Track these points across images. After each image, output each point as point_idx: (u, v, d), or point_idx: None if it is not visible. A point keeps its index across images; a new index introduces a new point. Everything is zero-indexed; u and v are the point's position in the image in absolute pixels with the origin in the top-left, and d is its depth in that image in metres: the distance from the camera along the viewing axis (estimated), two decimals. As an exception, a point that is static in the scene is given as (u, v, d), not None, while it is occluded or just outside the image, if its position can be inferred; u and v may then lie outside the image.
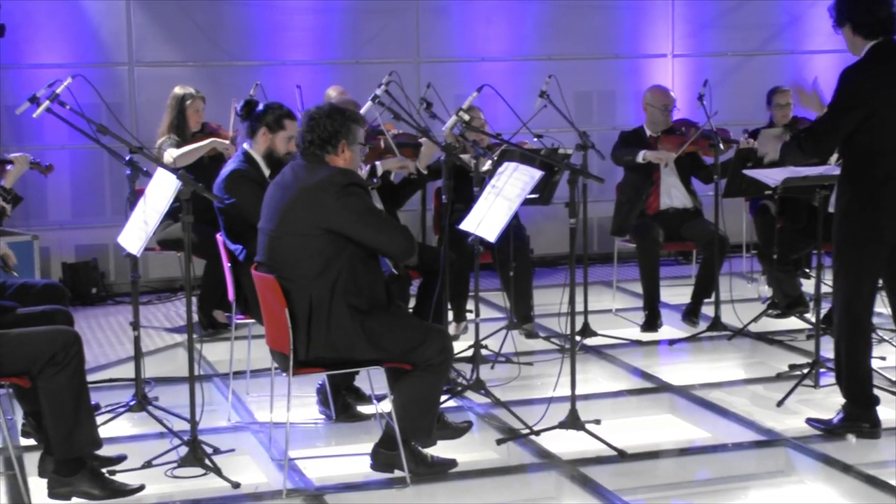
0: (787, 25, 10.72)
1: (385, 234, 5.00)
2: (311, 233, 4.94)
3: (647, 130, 8.05)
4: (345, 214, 4.92)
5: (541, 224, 9.88)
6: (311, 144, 5.08)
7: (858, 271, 5.51)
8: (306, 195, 4.96)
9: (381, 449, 5.22)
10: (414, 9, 10.00)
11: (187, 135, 7.94)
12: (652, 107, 8.02)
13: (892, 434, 5.62)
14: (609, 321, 8.03)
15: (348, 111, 5.17)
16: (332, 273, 4.94)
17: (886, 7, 5.45)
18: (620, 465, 5.35)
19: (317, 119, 5.08)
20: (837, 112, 5.44)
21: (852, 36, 5.49)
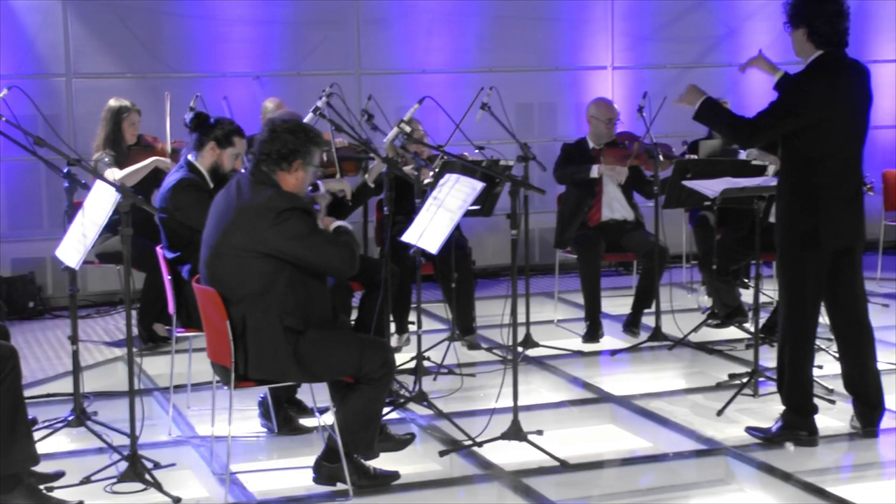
0: (725, 38, 10.84)
1: (324, 255, 4.95)
2: (249, 255, 4.90)
3: (590, 142, 8.10)
4: (281, 240, 4.87)
5: (482, 236, 9.90)
6: (266, 157, 5.01)
7: (801, 279, 5.57)
8: (244, 217, 4.91)
9: (323, 462, 5.20)
10: (355, 21, 9.99)
11: (123, 149, 7.86)
12: (596, 119, 8.06)
13: (830, 442, 5.70)
14: (551, 332, 8.06)
15: (312, 131, 5.09)
16: (270, 294, 4.90)
17: (845, 19, 5.50)
18: (563, 476, 5.36)
19: (279, 133, 5.01)
20: (780, 113, 5.48)
21: (805, 40, 5.52)
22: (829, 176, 5.48)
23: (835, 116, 5.45)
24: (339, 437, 5.04)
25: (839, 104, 5.46)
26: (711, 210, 7.93)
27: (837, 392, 6.14)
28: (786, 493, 5.13)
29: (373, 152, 6.63)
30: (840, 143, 5.50)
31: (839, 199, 5.51)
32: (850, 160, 5.57)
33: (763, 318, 6.86)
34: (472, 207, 5.73)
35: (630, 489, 5.39)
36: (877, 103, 11.48)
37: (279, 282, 4.91)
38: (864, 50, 11.10)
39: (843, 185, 5.53)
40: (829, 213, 5.49)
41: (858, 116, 5.58)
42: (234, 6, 9.69)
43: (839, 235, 5.55)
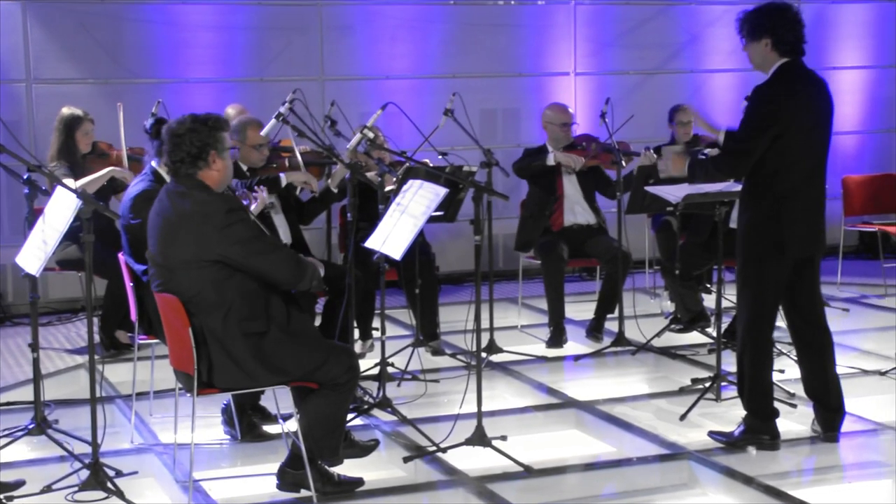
0: (687, 44, 10.90)
1: (268, 262, 4.90)
2: (199, 264, 4.86)
3: (550, 148, 8.12)
4: (226, 245, 4.83)
5: (446, 241, 9.91)
6: (181, 164, 4.97)
7: (762, 286, 5.60)
8: (187, 226, 4.87)
9: (287, 468, 5.18)
10: (318, 27, 9.98)
11: (78, 158, 7.79)
12: (551, 124, 8.08)
13: (792, 446, 5.73)
14: (514, 337, 8.07)
15: (211, 119, 5.02)
16: (225, 303, 4.87)
17: (802, 28, 5.56)
18: (527, 481, 5.37)
19: (181, 135, 4.95)
20: (757, 131, 5.46)
21: (769, 51, 5.54)
22: (794, 185, 5.51)
23: (799, 124, 5.49)
24: (303, 444, 5.03)
25: (803, 112, 5.50)
26: (674, 215, 7.99)
27: (799, 396, 6.18)
28: (747, 497, 5.16)
29: (336, 158, 6.62)
30: (805, 153, 5.53)
31: (804, 208, 5.55)
32: (815, 169, 5.61)
33: (725, 322, 6.90)
34: (435, 213, 5.73)
35: (594, 494, 5.41)
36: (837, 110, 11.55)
37: (233, 288, 4.88)
38: (825, 57, 11.20)
39: (808, 195, 5.57)
40: (794, 223, 5.52)
41: (822, 125, 5.62)
42: (197, 12, 9.65)
43: (803, 244, 5.58)
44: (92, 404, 5.15)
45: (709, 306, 7.90)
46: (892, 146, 11.55)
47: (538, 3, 10.55)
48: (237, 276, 4.88)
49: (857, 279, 9.86)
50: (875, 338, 7.86)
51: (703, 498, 5.39)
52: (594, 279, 9.51)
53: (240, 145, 6.79)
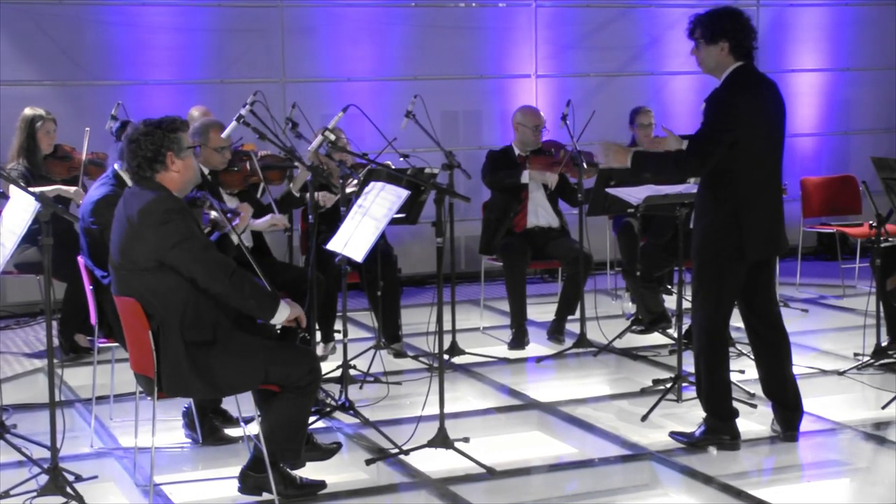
0: (648, 47, 10.96)
1: (201, 265, 4.82)
2: (146, 267, 4.82)
3: (516, 150, 8.13)
4: (162, 244, 4.79)
5: (408, 243, 9.91)
6: (139, 168, 4.94)
7: (719, 289, 5.64)
8: (132, 228, 4.85)
9: (249, 472, 5.16)
10: (279, 29, 9.95)
11: (39, 159, 7.74)
12: (523, 126, 8.09)
13: (752, 445, 5.77)
14: (477, 339, 8.08)
15: (165, 121, 4.98)
16: (170, 308, 4.83)
17: (754, 31, 5.61)
18: (490, 483, 5.38)
19: (137, 141, 4.92)
20: (718, 132, 5.48)
21: (724, 55, 5.56)
22: (751, 188, 5.54)
23: (756, 128, 5.52)
24: (265, 447, 5.01)
25: (760, 115, 5.54)
26: (635, 217, 8.02)
27: (758, 396, 6.22)
28: (707, 496, 5.19)
29: (297, 161, 6.61)
30: (762, 156, 5.57)
31: (762, 211, 5.59)
32: (772, 172, 5.65)
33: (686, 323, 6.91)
34: (397, 215, 5.73)
35: (557, 495, 5.42)
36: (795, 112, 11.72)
37: (179, 293, 4.83)
38: (783, 60, 11.30)
39: (765, 197, 5.61)
40: (753, 227, 5.55)
41: (776, 128, 5.66)
42: (157, 13, 9.59)
43: (762, 248, 5.62)
44: (51, 408, 5.11)
45: (670, 307, 7.94)
46: (849, 148, 11.66)
47: (499, 6, 10.57)
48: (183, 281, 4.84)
49: (815, 280, 9.94)
50: (833, 338, 7.93)
51: (665, 498, 5.42)
52: (556, 281, 9.54)
53: (202, 148, 6.76)
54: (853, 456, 5.77)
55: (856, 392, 6.76)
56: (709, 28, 5.57)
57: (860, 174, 9.60)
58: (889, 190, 6.75)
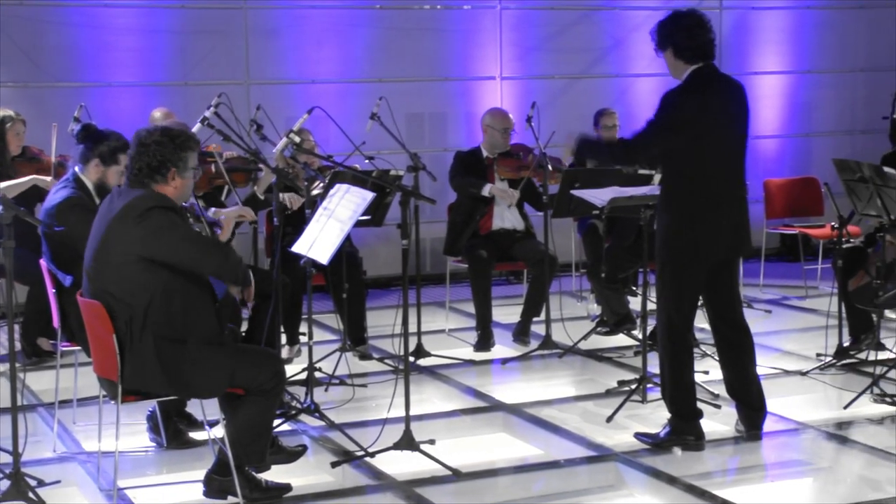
0: (612, 49, 10.99)
1: (194, 249, 4.86)
2: (124, 262, 4.81)
3: (485, 152, 8.14)
4: (148, 238, 4.79)
5: (373, 246, 9.90)
6: (139, 172, 4.93)
7: (680, 290, 5.67)
8: (114, 224, 4.84)
9: (214, 475, 5.14)
10: (243, 30, 9.92)
11: (7, 159, 7.68)
12: (492, 129, 8.10)
13: (716, 446, 5.81)
14: (442, 341, 8.09)
15: (181, 137, 4.99)
16: (143, 302, 4.81)
17: (705, 32, 5.63)
18: (456, 485, 5.38)
19: (147, 146, 4.92)
20: (656, 130, 5.58)
21: (674, 60, 5.65)
22: (710, 189, 5.58)
23: (711, 129, 5.56)
24: (230, 450, 4.99)
25: (714, 117, 5.58)
26: (600, 219, 8.05)
27: (723, 397, 6.25)
28: (672, 496, 5.21)
29: (262, 163, 6.59)
30: (721, 157, 5.61)
31: (724, 212, 5.62)
32: (733, 173, 5.69)
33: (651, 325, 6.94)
34: (362, 217, 5.73)
35: (523, 496, 5.43)
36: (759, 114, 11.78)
37: (153, 289, 4.82)
38: (746, 62, 11.37)
39: (727, 199, 5.64)
40: (715, 228, 5.59)
41: (737, 129, 5.70)
42: (120, 15, 9.53)
43: (724, 249, 5.66)
44: (13, 413, 5.07)
45: (635, 309, 7.97)
46: (811, 150, 11.74)
47: (464, 8, 10.58)
48: (163, 276, 4.83)
49: (778, 281, 10.01)
50: (796, 338, 7.98)
51: (630, 499, 5.44)
52: (521, 282, 9.56)
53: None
54: (816, 455, 5.82)
55: (818, 392, 6.81)
56: (656, 37, 5.70)
57: (822, 176, 9.68)
58: (850, 192, 6.81)
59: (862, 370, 7.00)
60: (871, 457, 5.67)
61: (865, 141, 11.60)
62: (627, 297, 8.23)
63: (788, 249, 11.20)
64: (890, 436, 5.96)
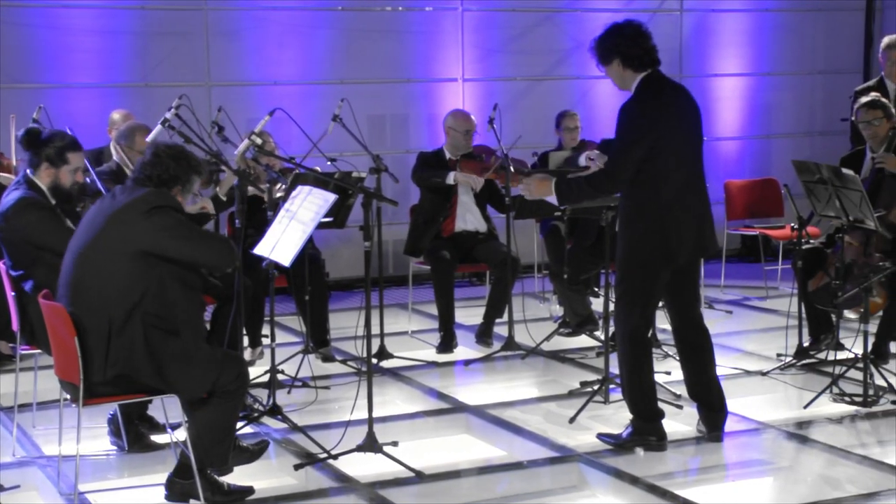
0: (573, 51, 11.02)
1: (201, 245, 4.98)
2: (121, 253, 4.84)
3: (447, 153, 8.15)
4: (154, 232, 4.86)
5: (336, 247, 9.88)
6: (147, 179, 5.02)
7: (643, 293, 5.69)
8: (117, 217, 4.91)
9: (176, 478, 5.12)
10: (204, 32, 9.87)
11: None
12: (454, 130, 8.11)
13: (678, 446, 5.84)
14: (405, 343, 8.09)
15: (195, 161, 5.16)
16: (136, 294, 4.84)
17: (647, 39, 5.67)
18: (419, 486, 5.38)
19: (162, 157, 5.04)
20: (626, 146, 5.57)
21: (622, 70, 5.67)
22: (674, 195, 5.61)
23: (670, 134, 5.59)
24: (192, 453, 4.97)
25: (671, 121, 5.61)
26: (562, 220, 8.08)
27: (684, 397, 6.29)
28: (634, 496, 5.24)
29: (224, 165, 6.56)
30: (681, 161, 5.64)
31: (686, 214, 5.65)
32: (693, 176, 5.72)
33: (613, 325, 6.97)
34: (324, 219, 5.72)
35: (486, 498, 5.44)
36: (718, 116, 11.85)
37: (148, 280, 4.86)
38: (706, 64, 11.44)
39: (689, 201, 5.67)
40: (679, 233, 5.62)
41: (693, 132, 5.74)
42: (79, 16, 9.47)
43: (687, 252, 5.69)
44: (-27, 417, 5.04)
45: (597, 310, 8.01)
46: (770, 151, 11.82)
47: (426, 10, 10.58)
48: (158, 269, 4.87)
49: (739, 282, 10.07)
50: (757, 339, 8.04)
51: (593, 499, 5.46)
52: (484, 284, 9.58)
53: (128, 150, 6.69)
54: (776, 455, 5.86)
55: (779, 392, 6.87)
56: (599, 51, 5.71)
57: (782, 177, 9.76)
58: (810, 193, 6.86)
59: (821, 370, 7.06)
60: (831, 456, 5.72)
61: (824, 142, 11.71)
62: (589, 298, 8.26)
63: (749, 250, 11.28)
64: (849, 435, 6.02)
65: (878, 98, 7.22)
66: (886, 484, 5.29)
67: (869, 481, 5.35)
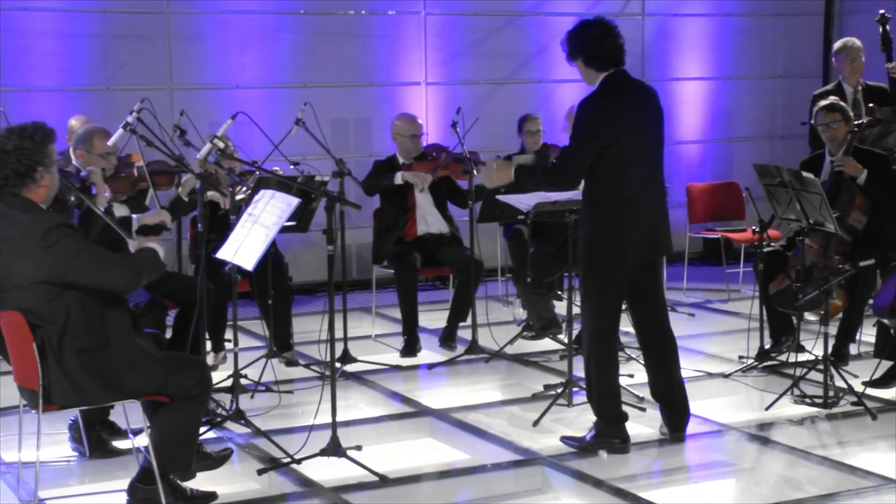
0: (536, 55, 11.06)
1: (103, 272, 4.74)
2: (34, 286, 4.69)
3: (400, 158, 8.15)
4: (54, 263, 4.66)
5: (299, 251, 9.86)
6: (6, 182, 4.75)
7: (605, 292, 5.72)
8: (11, 250, 4.69)
9: (138, 484, 5.08)
10: (166, 35, 9.83)
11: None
12: (401, 136, 8.12)
13: (641, 448, 5.86)
14: (369, 347, 8.08)
15: (37, 133, 4.77)
16: (59, 319, 4.72)
17: (614, 39, 5.71)
18: (383, 491, 5.38)
19: (7, 152, 4.72)
20: (581, 142, 5.64)
21: (585, 68, 5.73)
22: (629, 193, 5.65)
23: (627, 133, 5.63)
24: (155, 458, 4.94)
25: (629, 121, 5.65)
26: (525, 223, 8.09)
27: (647, 400, 6.31)
28: (598, 500, 5.25)
29: (186, 169, 6.53)
30: (637, 160, 5.68)
31: (641, 215, 5.69)
32: (649, 176, 5.75)
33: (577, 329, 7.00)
34: (287, 223, 5.70)
35: (449, 502, 5.44)
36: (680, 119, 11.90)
37: (64, 305, 4.73)
38: (668, 68, 11.50)
39: (644, 201, 5.71)
40: (633, 231, 5.66)
41: (653, 132, 5.78)
42: (40, 18, 9.40)
43: (642, 250, 5.72)
44: (-69, 424, 4.99)
45: (560, 313, 8.02)
46: (732, 155, 11.90)
47: (388, 13, 10.58)
48: (70, 293, 4.74)
49: (701, 284, 10.13)
50: (719, 341, 8.09)
51: (556, 502, 5.47)
52: (447, 288, 9.58)
53: (86, 154, 6.64)
54: (738, 456, 5.90)
55: (740, 394, 6.91)
56: (566, 47, 5.77)
57: (743, 180, 9.81)
58: (771, 196, 6.91)
59: (783, 372, 7.11)
60: (792, 457, 5.76)
61: (785, 146, 11.80)
62: (553, 301, 8.28)
63: (711, 253, 11.34)
64: (810, 436, 6.06)
65: (836, 101, 7.29)
66: (846, 484, 5.34)
67: (829, 482, 5.40)
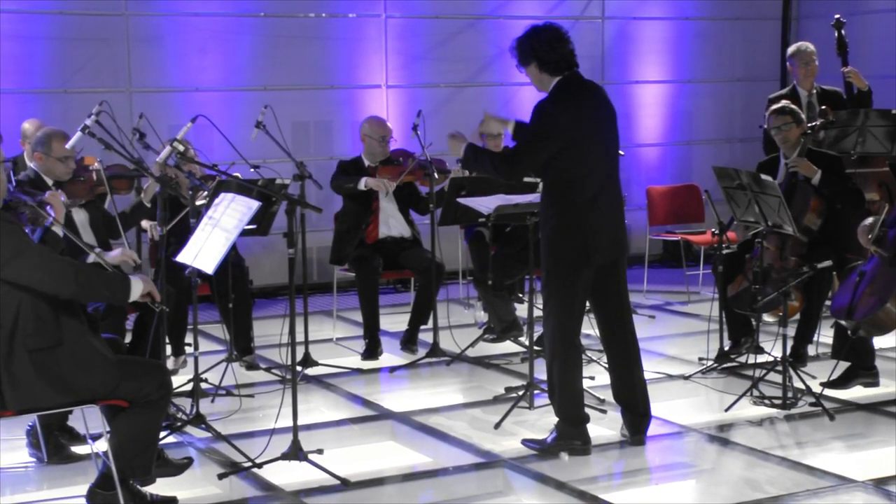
0: (496, 58, 11.07)
1: (43, 272, 4.64)
2: None
3: (366, 161, 8.14)
4: (3, 266, 4.60)
5: (259, 255, 9.82)
6: None
7: (568, 294, 5.74)
8: None
9: (97, 489, 5.04)
10: (125, 38, 9.76)
11: None
12: (370, 138, 8.12)
13: (602, 450, 5.89)
14: (330, 350, 8.06)
15: None
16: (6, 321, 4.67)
17: (566, 44, 5.74)
18: (344, 494, 5.37)
19: None
20: (532, 142, 5.68)
21: (539, 73, 5.75)
22: (590, 193, 5.67)
23: (585, 134, 5.66)
24: (114, 463, 4.90)
25: (587, 122, 5.68)
26: (486, 226, 8.11)
27: (608, 402, 6.34)
28: (559, 501, 5.27)
29: (145, 172, 6.50)
30: (596, 161, 5.71)
31: (603, 214, 5.72)
32: (609, 175, 5.78)
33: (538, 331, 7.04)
34: (248, 227, 5.68)
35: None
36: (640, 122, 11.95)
37: (13, 305, 4.68)
38: (628, 71, 11.56)
39: (606, 201, 5.74)
40: (596, 230, 5.68)
41: (608, 132, 5.81)
42: (-4, 20, 9.33)
43: (605, 250, 5.75)
44: None
45: (521, 315, 8.04)
46: (691, 158, 11.97)
47: (349, 16, 10.57)
48: (18, 293, 4.70)
49: (661, 287, 10.17)
50: (679, 343, 8.13)
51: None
52: (408, 291, 9.57)
53: (44, 158, 6.59)
54: (698, 458, 5.93)
55: (700, 395, 6.95)
56: (518, 53, 5.80)
57: (702, 183, 9.88)
58: (730, 198, 6.96)
59: (742, 373, 7.16)
60: (751, 458, 5.80)
61: (744, 148, 11.88)
62: (514, 303, 8.29)
63: (671, 255, 11.39)
64: (769, 437, 6.11)
65: (787, 105, 7.35)
66: (805, 484, 5.38)
67: (788, 482, 5.44)
